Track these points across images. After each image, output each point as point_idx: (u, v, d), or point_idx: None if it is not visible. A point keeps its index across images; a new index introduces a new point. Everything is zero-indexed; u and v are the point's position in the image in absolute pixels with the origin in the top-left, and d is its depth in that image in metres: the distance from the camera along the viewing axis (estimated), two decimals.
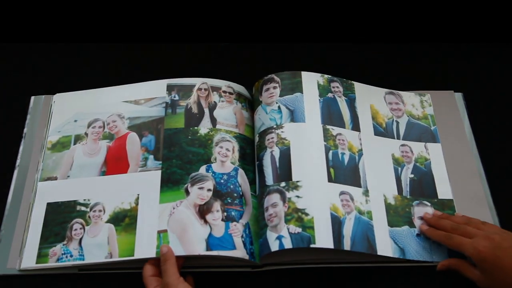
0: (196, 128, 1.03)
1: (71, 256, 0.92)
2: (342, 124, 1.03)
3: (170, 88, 1.09)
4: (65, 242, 0.93)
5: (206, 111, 1.05)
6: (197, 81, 1.09)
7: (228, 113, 1.05)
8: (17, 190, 1.02)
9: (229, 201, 0.95)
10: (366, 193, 0.96)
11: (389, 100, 1.11)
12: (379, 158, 1.03)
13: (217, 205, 0.94)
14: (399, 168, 1.02)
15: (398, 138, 1.06)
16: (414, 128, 1.08)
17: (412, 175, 1.02)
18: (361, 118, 1.06)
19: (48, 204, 0.98)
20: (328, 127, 1.01)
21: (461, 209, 0.98)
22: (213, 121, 1.04)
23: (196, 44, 1.25)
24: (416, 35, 1.23)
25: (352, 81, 1.10)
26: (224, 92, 1.08)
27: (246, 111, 1.07)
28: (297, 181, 0.94)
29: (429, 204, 0.98)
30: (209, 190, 0.95)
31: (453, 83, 1.16)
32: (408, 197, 0.99)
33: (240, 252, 0.90)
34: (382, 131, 1.06)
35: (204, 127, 1.03)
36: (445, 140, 1.07)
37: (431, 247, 0.93)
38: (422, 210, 0.97)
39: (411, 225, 0.96)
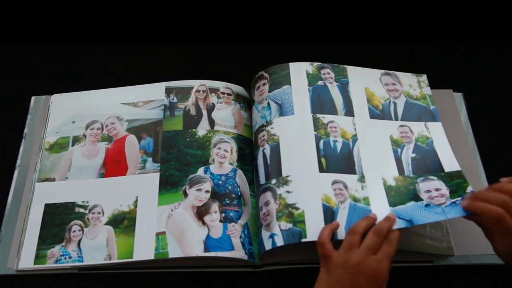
0: (194, 130, 1.03)
1: (70, 257, 0.92)
2: (334, 111, 1.02)
3: (168, 91, 1.09)
4: (63, 244, 0.94)
5: (204, 112, 1.05)
6: (195, 83, 1.09)
7: (226, 114, 1.06)
8: (17, 190, 1.02)
9: (227, 202, 0.95)
10: (361, 179, 0.94)
11: (385, 81, 1.08)
12: (376, 141, 1.00)
13: (215, 207, 0.94)
14: (399, 149, 0.99)
15: (396, 119, 1.03)
16: (413, 108, 1.05)
17: (414, 154, 0.98)
18: (355, 102, 1.04)
19: (46, 205, 0.98)
20: (318, 116, 1.00)
21: None
22: (211, 122, 1.04)
23: (195, 44, 1.25)
24: (416, 35, 1.23)
25: (345, 66, 1.09)
26: (223, 93, 1.08)
27: (245, 111, 1.08)
28: (287, 176, 0.93)
29: (435, 178, 0.94)
30: (207, 191, 0.95)
31: (453, 83, 1.15)
32: (411, 176, 0.95)
33: (238, 252, 0.91)
34: (379, 113, 1.04)
35: (202, 129, 1.03)
36: None
37: (444, 210, 0.87)
38: (429, 184, 0.93)
39: (418, 199, 0.90)
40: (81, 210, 0.97)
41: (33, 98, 1.14)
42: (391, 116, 1.04)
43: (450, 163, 0.96)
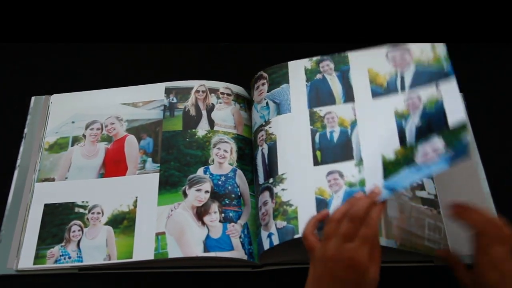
0: (194, 130, 1.03)
1: (69, 258, 0.92)
2: (332, 101, 0.99)
3: (168, 91, 1.09)
4: (63, 244, 0.94)
5: (204, 113, 1.05)
6: (195, 84, 1.09)
7: (226, 115, 1.06)
8: (17, 190, 1.02)
9: (227, 202, 0.95)
10: (359, 163, 0.91)
11: (392, 55, 0.99)
12: (377, 121, 0.94)
13: (214, 207, 0.94)
14: (403, 121, 0.90)
15: (403, 90, 0.94)
16: (423, 74, 0.93)
17: (420, 122, 0.89)
18: (355, 87, 0.99)
19: (46, 205, 0.98)
20: (315, 109, 0.98)
21: None
22: (211, 123, 1.04)
23: (195, 44, 1.25)
24: (416, 35, 1.23)
25: (347, 52, 1.04)
26: (222, 93, 1.08)
27: (245, 111, 1.08)
28: (283, 174, 0.93)
29: (436, 137, 0.83)
30: (206, 192, 0.96)
31: None
32: (413, 144, 0.87)
33: (238, 252, 0.91)
34: (382, 91, 0.96)
35: (202, 129, 1.03)
36: None
37: (429, 167, 0.81)
38: (428, 146, 0.83)
39: (411, 163, 0.83)
40: (81, 210, 0.97)
41: (33, 98, 1.14)
42: (397, 89, 0.95)
43: (456, 118, 0.84)
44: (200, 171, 0.98)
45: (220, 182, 0.97)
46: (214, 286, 0.93)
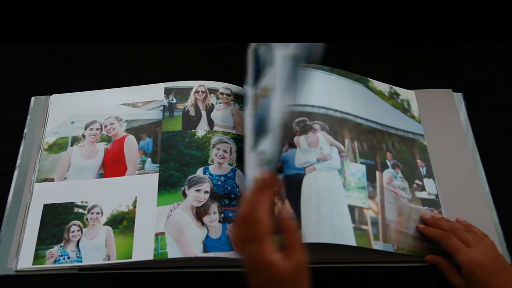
0: (193, 130, 1.03)
1: (69, 258, 0.92)
2: (263, 75, 0.89)
3: (167, 91, 1.09)
4: (62, 244, 0.94)
5: (204, 113, 1.05)
6: (194, 84, 1.09)
7: (225, 115, 1.06)
8: (17, 190, 1.02)
9: (227, 202, 0.95)
10: (273, 134, 0.77)
11: None
12: (280, 75, 0.79)
13: (214, 207, 0.94)
14: (293, 65, 0.76)
15: None
16: None
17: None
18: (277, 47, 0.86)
19: (45, 206, 0.98)
20: (255, 90, 0.91)
21: (461, 208, 0.98)
22: (210, 123, 1.04)
23: (195, 44, 1.25)
24: (416, 35, 1.23)
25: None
26: (222, 94, 1.08)
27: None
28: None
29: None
30: (206, 192, 0.96)
31: (453, 83, 1.15)
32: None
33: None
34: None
35: (201, 130, 1.03)
36: (445, 140, 1.07)
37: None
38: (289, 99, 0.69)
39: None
40: (80, 210, 0.97)
41: (33, 98, 1.14)
42: None
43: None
44: (199, 172, 0.98)
45: (219, 183, 0.97)
46: (214, 286, 0.93)
